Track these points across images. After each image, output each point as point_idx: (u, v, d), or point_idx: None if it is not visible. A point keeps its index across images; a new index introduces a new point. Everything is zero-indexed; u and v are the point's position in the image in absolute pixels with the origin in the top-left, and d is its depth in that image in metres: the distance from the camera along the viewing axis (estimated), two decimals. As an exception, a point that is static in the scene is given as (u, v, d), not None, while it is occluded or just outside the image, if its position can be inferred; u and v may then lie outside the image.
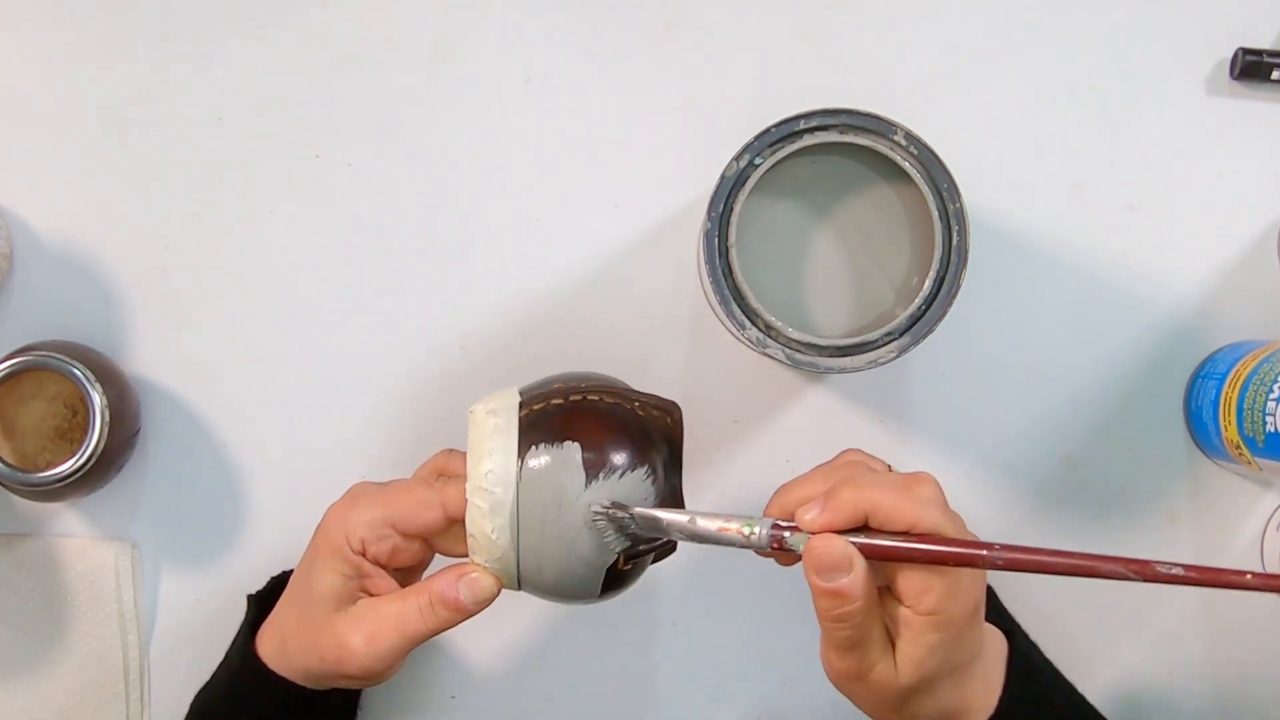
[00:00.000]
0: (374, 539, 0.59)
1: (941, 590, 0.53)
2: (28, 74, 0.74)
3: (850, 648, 0.54)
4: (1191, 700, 0.75)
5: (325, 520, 0.61)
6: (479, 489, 0.58)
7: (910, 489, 0.53)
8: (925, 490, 0.53)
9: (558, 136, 0.75)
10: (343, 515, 0.60)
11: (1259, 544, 0.75)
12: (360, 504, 0.60)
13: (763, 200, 0.68)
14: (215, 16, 0.75)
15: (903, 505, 0.53)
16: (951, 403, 0.75)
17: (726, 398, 0.75)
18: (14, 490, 0.68)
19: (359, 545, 0.59)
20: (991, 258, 0.73)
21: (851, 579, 0.53)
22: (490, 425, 0.59)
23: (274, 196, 0.75)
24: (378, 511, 0.60)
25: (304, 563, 0.62)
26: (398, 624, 0.58)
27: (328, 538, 0.60)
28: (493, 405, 0.60)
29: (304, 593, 0.61)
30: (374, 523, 0.59)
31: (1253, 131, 0.75)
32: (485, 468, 0.58)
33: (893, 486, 0.53)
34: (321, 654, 0.59)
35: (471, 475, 0.58)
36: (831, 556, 0.53)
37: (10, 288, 0.74)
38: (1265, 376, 0.66)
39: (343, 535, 0.59)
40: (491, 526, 0.58)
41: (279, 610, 0.63)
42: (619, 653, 0.75)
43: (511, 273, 0.75)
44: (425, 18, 0.75)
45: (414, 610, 0.58)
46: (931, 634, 0.53)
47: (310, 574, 0.60)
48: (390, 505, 0.60)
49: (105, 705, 0.73)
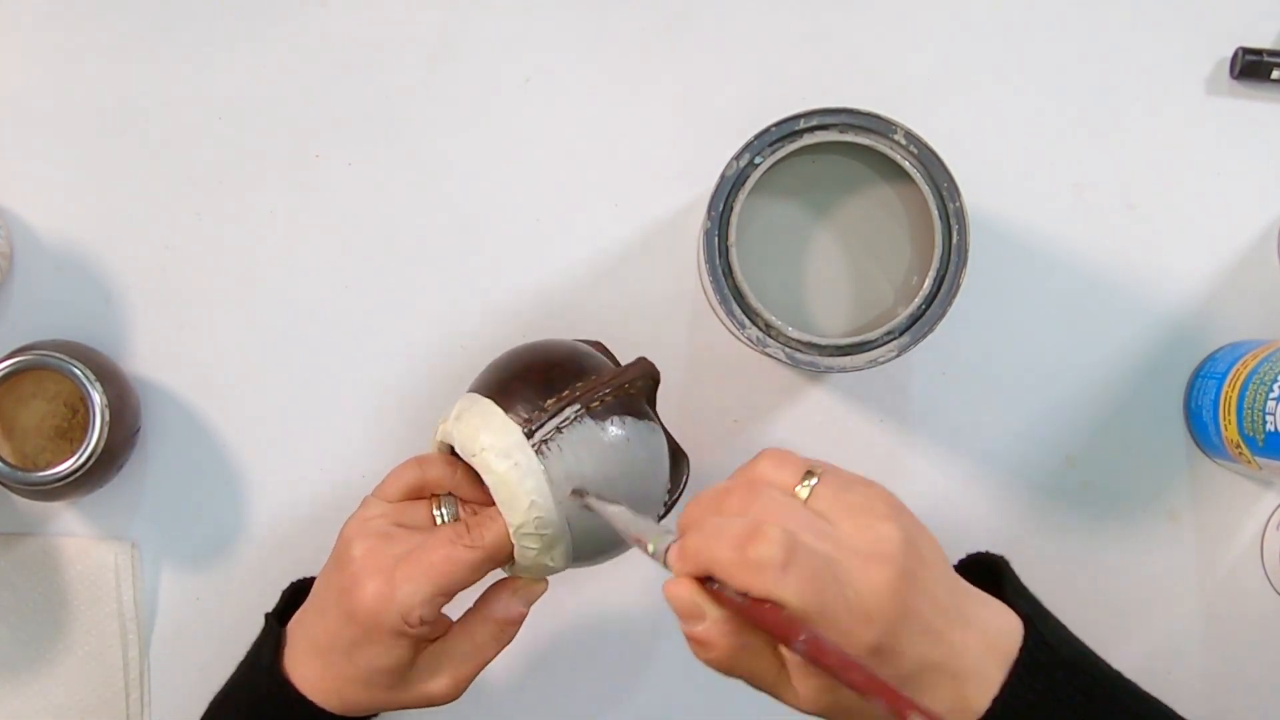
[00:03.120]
0: (432, 612, 0.59)
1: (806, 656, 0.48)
2: (28, 74, 0.74)
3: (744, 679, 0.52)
4: (1191, 700, 0.75)
5: (366, 603, 0.58)
6: (528, 535, 0.60)
7: (744, 548, 0.48)
8: (760, 550, 0.48)
9: (558, 136, 0.75)
10: (387, 598, 0.58)
11: (1259, 543, 0.75)
12: (402, 582, 0.58)
13: (763, 200, 0.68)
14: (215, 17, 0.75)
15: (735, 568, 0.49)
16: (951, 403, 0.75)
17: (726, 398, 0.75)
18: (14, 490, 0.68)
19: (418, 622, 0.59)
20: (991, 258, 0.73)
21: (706, 628, 0.50)
22: (514, 473, 0.59)
23: (274, 196, 0.75)
24: (427, 588, 0.58)
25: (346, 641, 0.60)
26: (475, 658, 0.61)
27: (378, 623, 0.58)
28: (501, 444, 0.60)
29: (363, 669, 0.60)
30: (428, 599, 0.58)
31: (1253, 131, 0.75)
32: (531, 516, 0.59)
33: (730, 543, 0.49)
34: (403, 704, 0.61)
35: (516, 525, 0.60)
36: (681, 604, 0.50)
37: (10, 288, 0.74)
38: (1265, 376, 0.66)
39: (398, 618, 0.58)
40: (549, 558, 0.61)
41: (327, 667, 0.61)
42: (619, 652, 0.75)
43: (511, 273, 0.75)
44: (425, 18, 0.75)
45: (487, 640, 0.62)
46: (812, 680, 0.50)
47: (364, 655, 0.59)
48: (436, 577, 0.59)
49: (105, 705, 0.73)
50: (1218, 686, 0.75)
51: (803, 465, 0.53)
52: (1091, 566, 0.75)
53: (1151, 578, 0.75)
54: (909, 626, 0.50)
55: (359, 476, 0.74)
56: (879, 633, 0.49)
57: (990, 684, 0.52)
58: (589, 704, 0.75)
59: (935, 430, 0.75)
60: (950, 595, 0.53)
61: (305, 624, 0.63)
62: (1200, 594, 0.75)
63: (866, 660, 0.49)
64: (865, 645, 0.49)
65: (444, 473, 0.63)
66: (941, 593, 0.52)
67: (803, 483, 0.53)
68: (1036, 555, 0.75)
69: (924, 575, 0.51)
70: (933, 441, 0.75)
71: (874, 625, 0.49)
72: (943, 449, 0.75)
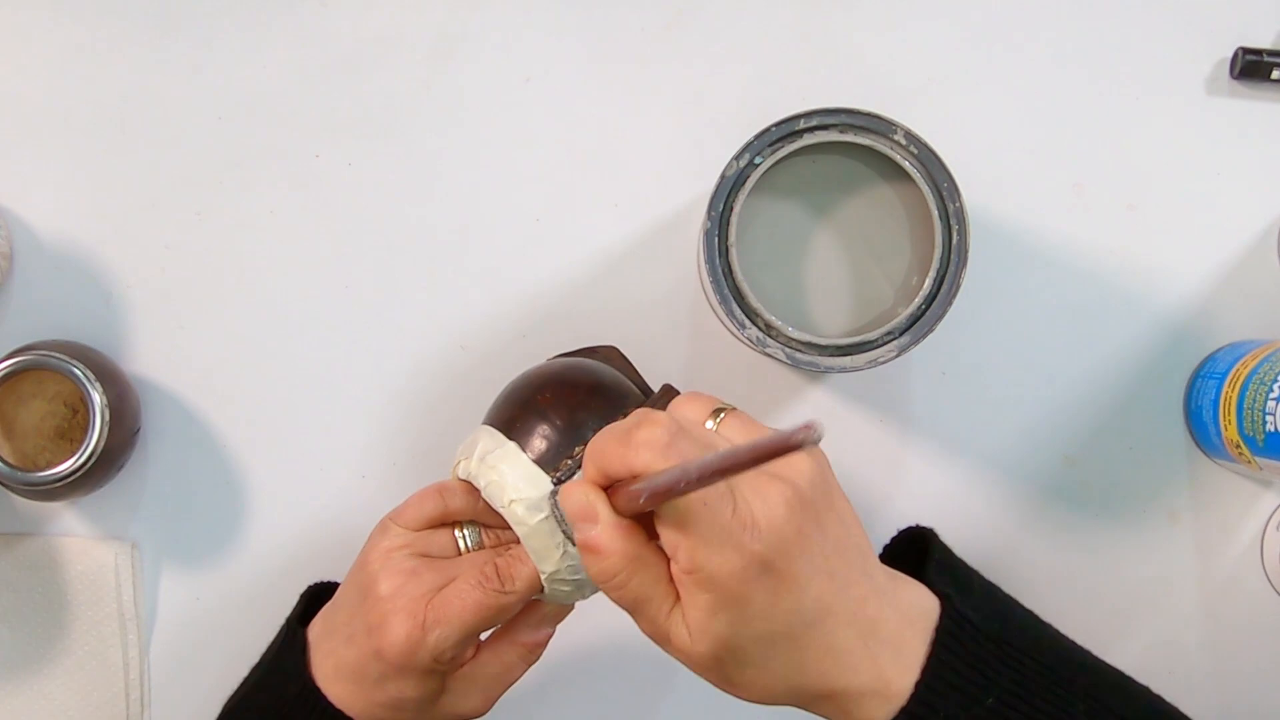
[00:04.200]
0: (464, 651, 0.60)
1: (690, 546, 0.47)
2: (28, 74, 0.74)
3: (633, 610, 0.51)
4: (1191, 700, 0.75)
5: (397, 644, 0.58)
6: (561, 580, 0.60)
7: (629, 434, 0.48)
8: (643, 433, 0.48)
9: (558, 136, 0.75)
10: (418, 642, 0.58)
11: (1259, 543, 0.75)
12: (434, 625, 0.58)
13: (763, 200, 0.68)
14: (215, 16, 0.75)
15: (621, 450, 0.48)
16: (951, 402, 0.75)
17: (726, 398, 0.74)
18: (14, 490, 0.68)
19: (449, 661, 0.59)
20: (991, 258, 0.73)
21: (600, 530, 0.49)
22: (547, 527, 0.59)
23: (274, 196, 0.75)
24: (459, 633, 0.58)
25: (377, 672, 0.59)
26: (504, 680, 0.62)
27: (409, 663, 0.58)
28: (529, 496, 0.59)
29: (393, 697, 0.60)
30: (462, 641, 0.59)
31: (1253, 131, 0.75)
32: (564, 564, 0.60)
33: (617, 433, 0.49)
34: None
35: (549, 572, 0.60)
36: (576, 506, 0.49)
37: (10, 288, 0.74)
38: (1265, 376, 0.66)
39: (429, 659, 0.58)
40: (580, 595, 0.62)
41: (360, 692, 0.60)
42: (619, 652, 0.75)
43: (511, 273, 0.75)
44: (425, 18, 0.75)
45: (515, 662, 0.62)
46: (700, 594, 0.48)
47: (395, 686, 0.59)
48: (468, 622, 0.58)
49: (105, 705, 0.73)
50: (1218, 686, 0.75)
51: (713, 403, 0.53)
52: (1091, 566, 0.75)
53: (1151, 578, 0.75)
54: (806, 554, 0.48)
55: (359, 477, 0.74)
56: (768, 546, 0.47)
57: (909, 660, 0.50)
58: (590, 703, 0.75)
59: (935, 430, 0.75)
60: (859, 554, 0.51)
61: (332, 647, 0.61)
62: (1200, 594, 0.75)
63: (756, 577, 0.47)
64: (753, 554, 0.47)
65: (466, 503, 0.63)
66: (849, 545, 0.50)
67: (714, 418, 0.53)
68: (1036, 555, 0.75)
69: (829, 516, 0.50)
70: (933, 441, 0.75)
71: (761, 536, 0.47)
72: (943, 449, 0.75)
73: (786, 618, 0.49)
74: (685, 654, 0.50)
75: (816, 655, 0.50)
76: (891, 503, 0.74)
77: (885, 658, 0.50)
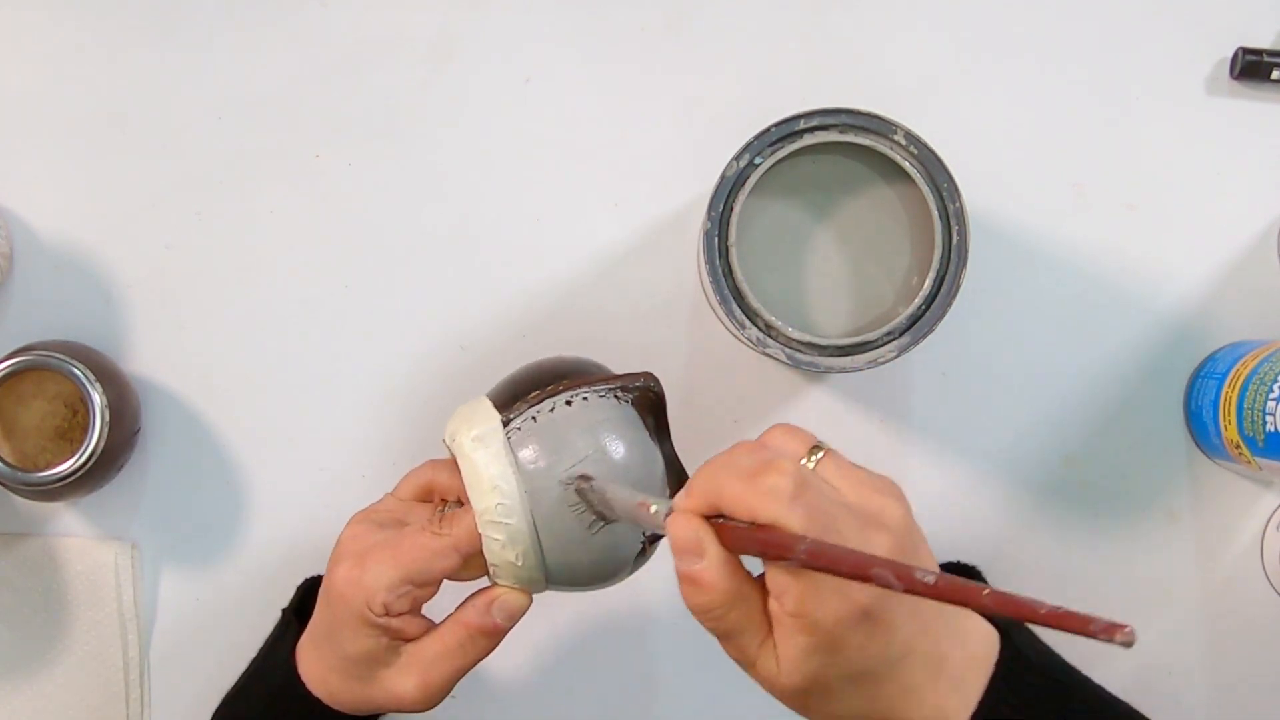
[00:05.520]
0: (395, 599, 0.58)
1: (800, 592, 0.48)
2: (28, 74, 0.75)
3: (722, 638, 0.51)
4: (1191, 700, 0.75)
5: (336, 585, 0.59)
6: (491, 523, 0.57)
7: (756, 477, 0.48)
8: (770, 480, 0.48)
9: (558, 136, 0.75)
10: (355, 581, 0.58)
11: (1259, 543, 0.75)
12: (371, 565, 0.58)
13: (763, 200, 0.68)
14: (215, 16, 0.75)
15: (745, 494, 0.48)
16: (951, 403, 0.75)
17: (726, 398, 0.75)
18: (14, 490, 0.68)
19: (382, 609, 0.58)
20: (991, 258, 0.73)
21: (706, 565, 0.49)
22: (482, 456, 0.58)
23: (274, 196, 0.75)
24: (393, 572, 0.58)
25: (326, 624, 0.60)
26: (445, 665, 0.59)
27: (347, 605, 0.58)
28: (475, 431, 0.58)
29: (340, 656, 0.60)
30: (392, 585, 0.58)
31: (1253, 131, 0.75)
32: (493, 501, 0.57)
33: (739, 473, 0.49)
34: (376, 704, 0.60)
35: (479, 510, 0.58)
36: (684, 539, 0.49)
37: (10, 288, 0.74)
38: (1265, 376, 0.66)
39: (362, 602, 0.58)
40: (514, 554, 0.58)
41: (317, 654, 0.61)
42: (620, 652, 0.75)
43: (511, 273, 0.75)
44: (425, 18, 0.75)
45: (456, 648, 0.59)
46: (800, 636, 0.49)
47: (340, 640, 0.59)
48: (403, 563, 0.58)
49: (105, 705, 0.73)
50: (1218, 686, 0.75)
51: (811, 439, 0.53)
52: (1091, 567, 0.75)
53: (1151, 578, 0.75)
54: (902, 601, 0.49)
55: (358, 476, 0.74)
56: (872, 597, 0.48)
57: (969, 695, 0.52)
58: (590, 703, 0.75)
59: (935, 430, 0.75)
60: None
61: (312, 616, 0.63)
62: (1200, 594, 0.75)
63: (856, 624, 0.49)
64: (857, 604, 0.48)
65: (454, 477, 0.62)
66: None
67: (810, 456, 0.52)
68: (1036, 555, 0.75)
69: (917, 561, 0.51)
70: (933, 441, 0.75)
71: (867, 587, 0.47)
72: (943, 449, 0.75)
73: (875, 659, 0.50)
74: (770, 683, 0.51)
75: (891, 691, 0.51)
76: (891, 503, 0.75)
77: (946, 691, 0.52)
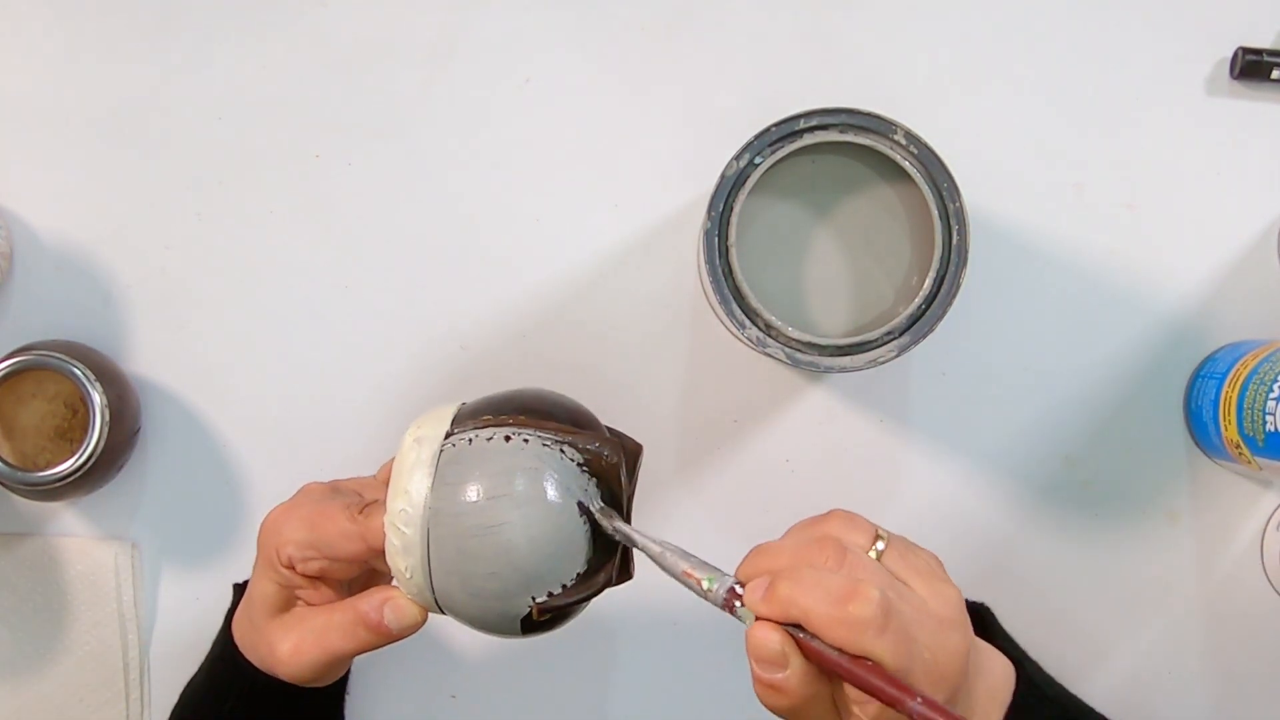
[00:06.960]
0: (301, 558, 0.58)
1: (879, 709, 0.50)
2: (28, 74, 0.75)
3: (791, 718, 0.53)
4: (1191, 700, 0.75)
5: (265, 523, 0.59)
6: (393, 526, 0.55)
7: (845, 603, 0.49)
8: (860, 609, 0.49)
9: (558, 136, 0.75)
10: (276, 527, 0.59)
11: (1259, 543, 0.75)
12: (292, 519, 0.58)
13: (763, 200, 0.68)
14: (215, 16, 0.75)
15: (833, 623, 0.49)
16: (951, 403, 0.75)
17: (726, 398, 0.75)
18: (14, 490, 0.68)
19: (286, 561, 0.58)
20: (991, 258, 0.73)
21: (786, 676, 0.50)
22: (411, 457, 0.55)
23: (274, 196, 0.75)
24: (304, 533, 0.58)
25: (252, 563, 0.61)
26: (320, 639, 0.58)
27: (264, 545, 0.59)
28: (420, 432, 0.56)
29: (249, 594, 0.61)
30: (301, 544, 0.58)
31: (1253, 131, 0.75)
32: (399, 505, 0.54)
33: (828, 597, 0.49)
34: (259, 655, 0.60)
35: (389, 509, 0.55)
36: (769, 651, 0.50)
37: (10, 288, 0.74)
38: (1265, 376, 0.66)
39: (274, 546, 0.58)
40: (404, 565, 0.55)
41: (244, 599, 0.63)
42: (619, 653, 0.75)
43: (511, 273, 0.75)
44: (425, 18, 0.75)
45: (337, 628, 0.58)
46: None
47: (254, 577, 0.60)
48: (315, 530, 0.58)
49: (105, 705, 0.73)
50: (1218, 686, 0.75)
51: (872, 528, 0.55)
52: (1091, 567, 0.75)
53: (1151, 578, 0.75)
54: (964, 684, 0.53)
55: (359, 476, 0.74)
56: (948, 691, 0.52)
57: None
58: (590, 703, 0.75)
59: (935, 430, 0.75)
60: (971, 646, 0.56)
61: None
62: (1200, 594, 0.75)
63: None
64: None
65: None
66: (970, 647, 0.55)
67: (874, 545, 0.54)
68: (1036, 555, 0.75)
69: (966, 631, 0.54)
70: (933, 441, 0.75)
71: (946, 686, 0.51)
72: (943, 449, 0.75)
73: None
74: None
75: None
76: (891, 502, 0.75)
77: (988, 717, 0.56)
